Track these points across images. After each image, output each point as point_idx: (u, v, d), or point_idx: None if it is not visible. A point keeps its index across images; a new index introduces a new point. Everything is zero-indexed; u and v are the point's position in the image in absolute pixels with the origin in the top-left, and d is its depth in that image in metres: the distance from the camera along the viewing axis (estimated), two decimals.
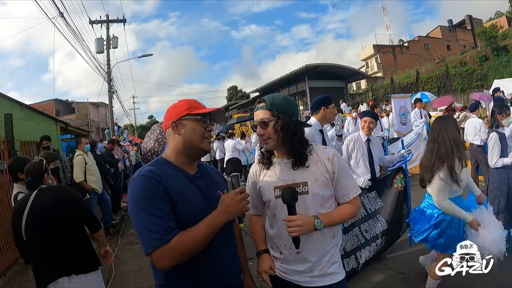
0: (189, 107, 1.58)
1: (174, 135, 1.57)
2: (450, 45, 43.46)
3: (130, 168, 12.76)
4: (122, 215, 8.41)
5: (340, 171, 1.77)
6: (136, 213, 1.41)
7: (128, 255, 5.66)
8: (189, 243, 1.39)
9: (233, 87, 57.00)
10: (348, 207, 1.80)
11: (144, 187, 1.41)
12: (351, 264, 3.64)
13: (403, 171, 4.44)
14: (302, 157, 1.75)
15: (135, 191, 1.43)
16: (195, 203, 1.50)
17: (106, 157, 8.16)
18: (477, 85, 24.74)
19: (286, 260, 1.79)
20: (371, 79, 37.02)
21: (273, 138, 1.74)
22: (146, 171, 1.46)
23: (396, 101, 8.73)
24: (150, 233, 1.36)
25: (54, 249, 2.60)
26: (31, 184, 2.81)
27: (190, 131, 1.55)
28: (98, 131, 30.18)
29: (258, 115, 1.78)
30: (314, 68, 26.37)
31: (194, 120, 1.56)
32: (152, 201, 1.39)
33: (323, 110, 3.73)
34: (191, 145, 1.56)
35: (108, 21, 17.83)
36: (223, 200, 1.53)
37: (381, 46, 43.01)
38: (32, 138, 8.05)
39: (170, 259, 1.38)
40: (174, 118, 1.56)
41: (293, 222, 1.59)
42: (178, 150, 1.57)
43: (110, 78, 18.03)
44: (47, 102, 29.85)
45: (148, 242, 1.37)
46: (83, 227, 2.86)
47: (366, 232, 3.87)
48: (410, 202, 4.42)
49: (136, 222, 1.41)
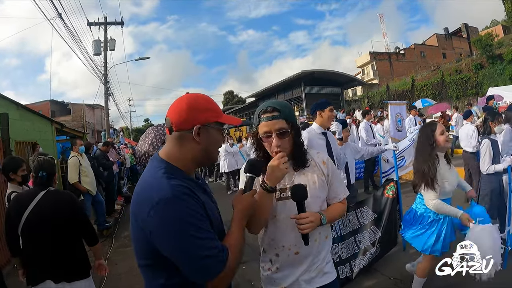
0: (219, 113, 1.38)
1: (194, 142, 1.32)
2: (446, 53, 43.84)
3: (125, 171, 12.72)
4: (116, 217, 8.39)
5: (333, 174, 1.84)
6: (182, 245, 1.17)
7: (121, 257, 5.64)
8: (238, 253, 1.31)
9: (229, 92, 57.14)
10: (340, 206, 1.88)
11: (187, 211, 1.19)
12: (346, 272, 3.69)
13: (392, 179, 4.49)
14: (304, 160, 1.78)
15: (175, 218, 1.18)
16: (215, 212, 1.40)
17: (101, 159, 8.12)
18: (472, 93, 24.95)
19: (282, 262, 1.77)
20: (367, 86, 37.22)
21: (289, 148, 1.72)
22: (177, 187, 1.22)
23: (392, 108, 8.79)
24: (211, 260, 1.20)
25: (49, 252, 2.61)
26: (43, 181, 2.75)
27: (213, 141, 1.37)
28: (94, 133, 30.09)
29: (274, 125, 1.67)
30: (310, 74, 26.53)
31: (218, 130, 1.39)
32: (199, 224, 1.20)
33: (319, 114, 3.83)
34: (209, 155, 1.39)
35: (106, 23, 17.80)
36: (239, 202, 1.46)
37: (377, 53, 43.31)
38: (28, 138, 8.02)
39: (230, 278, 1.29)
40: (202, 123, 1.31)
41: (306, 219, 1.59)
42: (193, 157, 1.35)
43: (106, 80, 17.97)
44: (43, 102, 29.69)
45: (211, 269, 1.20)
46: (80, 235, 2.86)
47: (360, 243, 3.93)
48: (401, 208, 4.45)
49: (186, 253, 1.18)
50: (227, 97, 55.74)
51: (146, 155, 2.53)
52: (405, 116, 9.13)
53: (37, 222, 2.60)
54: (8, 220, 2.73)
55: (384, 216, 4.17)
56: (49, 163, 2.84)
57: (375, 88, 36.40)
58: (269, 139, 1.70)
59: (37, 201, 2.64)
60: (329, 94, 28.81)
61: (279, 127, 1.67)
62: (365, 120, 8.89)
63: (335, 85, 29.95)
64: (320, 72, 27.54)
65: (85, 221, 2.88)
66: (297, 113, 28.40)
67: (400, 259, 4.26)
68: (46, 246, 2.61)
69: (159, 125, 2.68)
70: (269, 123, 1.69)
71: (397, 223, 4.37)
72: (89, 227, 2.92)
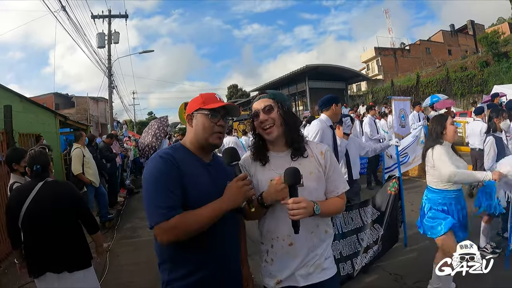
0: (204, 101, 1.65)
1: (189, 127, 1.68)
2: (451, 49, 43.52)
3: (128, 164, 12.75)
4: (119, 209, 8.41)
5: (332, 166, 1.81)
6: (147, 189, 1.51)
7: (123, 249, 5.68)
8: (190, 223, 1.46)
9: (233, 86, 56.93)
10: (338, 201, 1.83)
11: (158, 167, 1.51)
12: (347, 269, 3.69)
13: (395, 176, 4.47)
14: (301, 147, 1.78)
15: (149, 169, 1.53)
16: (205, 188, 1.57)
17: (104, 151, 8.13)
18: (477, 90, 24.82)
19: (277, 253, 1.76)
20: (371, 81, 37.11)
21: (277, 124, 1.74)
22: (164, 153, 1.57)
23: (396, 103, 8.73)
24: (155, 208, 1.45)
25: (50, 243, 2.63)
26: (39, 173, 2.77)
27: (200, 125, 1.63)
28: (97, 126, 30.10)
29: (260, 103, 1.78)
30: (315, 68, 26.40)
31: (203, 115, 1.63)
32: (164, 180, 1.48)
33: (334, 107, 3.88)
34: (200, 138, 1.64)
35: (110, 16, 17.78)
36: (227, 188, 1.57)
37: (382, 48, 43.06)
38: (31, 130, 8.06)
39: (170, 235, 1.44)
40: (189, 111, 1.67)
41: (298, 204, 1.55)
42: (191, 139, 1.67)
43: (110, 73, 17.99)
44: (47, 95, 29.73)
45: (152, 216, 1.45)
46: (80, 225, 2.87)
47: (363, 241, 3.92)
48: (404, 204, 4.45)
49: (146, 197, 1.50)
50: (231, 90, 55.59)
51: (149, 147, 2.54)
52: (408, 112, 9.08)
53: (37, 213, 2.61)
54: (8, 212, 2.74)
55: (386, 213, 4.15)
56: (41, 155, 2.85)
57: (379, 83, 36.27)
58: (257, 118, 1.78)
59: (36, 192, 2.66)
60: (334, 89, 28.69)
61: (264, 104, 1.77)
62: (369, 115, 8.86)
63: (339, 80, 29.82)
64: (325, 67, 27.43)
65: (85, 209, 2.90)
66: (301, 107, 28.39)
67: (401, 255, 4.27)
68: (46, 237, 2.62)
69: (162, 118, 2.71)
70: (257, 102, 1.81)
71: (399, 220, 4.37)
72: (88, 215, 2.93)
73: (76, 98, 32.55)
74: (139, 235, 6.45)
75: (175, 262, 1.56)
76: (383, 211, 4.17)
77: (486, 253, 3.80)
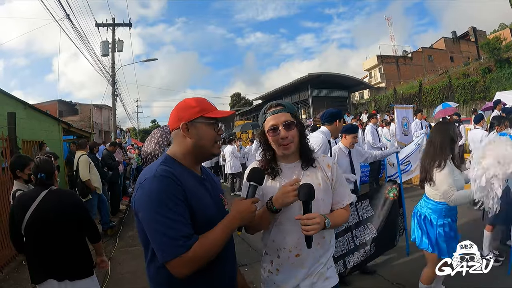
0: (202, 108, 1.49)
1: (184, 138, 1.48)
2: (454, 56, 43.54)
3: (131, 172, 12.78)
4: (121, 217, 8.43)
5: (338, 178, 1.81)
6: (152, 217, 1.31)
7: (125, 257, 5.67)
8: (209, 248, 1.34)
9: (236, 94, 57.05)
10: (343, 212, 1.83)
11: (161, 189, 1.32)
12: (338, 269, 3.67)
13: (395, 182, 4.47)
14: (312, 158, 1.78)
15: (150, 192, 1.32)
16: (208, 206, 1.46)
17: (107, 159, 8.18)
18: (479, 97, 24.71)
19: (283, 264, 1.75)
20: (374, 89, 37.10)
21: (295, 141, 1.72)
22: (162, 170, 1.37)
23: (399, 111, 8.76)
24: (169, 240, 1.27)
25: (52, 251, 2.63)
26: (43, 181, 2.77)
27: (203, 135, 1.48)
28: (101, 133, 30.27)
29: (279, 118, 1.71)
30: (317, 77, 26.44)
31: (207, 124, 1.49)
32: (170, 204, 1.30)
33: (337, 123, 3.92)
34: (202, 149, 1.50)
35: (114, 25, 17.91)
36: (237, 205, 1.48)
37: (384, 56, 43.17)
38: (35, 137, 8.11)
39: (190, 267, 1.31)
40: (186, 120, 1.46)
41: (313, 220, 1.54)
42: (187, 151, 1.49)
43: (114, 81, 18.08)
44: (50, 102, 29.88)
45: (166, 249, 1.28)
46: (83, 233, 2.87)
47: (356, 238, 3.94)
48: (405, 212, 4.43)
49: (153, 227, 1.31)
50: (234, 99, 55.71)
51: (152, 155, 2.54)
52: (411, 120, 9.10)
53: (40, 222, 2.62)
54: (11, 219, 2.75)
55: (381, 216, 4.15)
56: (46, 163, 2.85)
57: (382, 91, 36.25)
58: (275, 132, 1.71)
59: (39, 201, 2.66)
60: (336, 97, 28.75)
61: (285, 119, 1.70)
62: (371, 123, 8.85)
63: (342, 88, 29.82)
64: (327, 75, 27.46)
65: (88, 218, 2.90)
66: (303, 116, 28.38)
67: (403, 264, 4.25)
68: (49, 245, 2.62)
69: (164, 126, 2.70)
70: (275, 116, 1.72)
71: (400, 227, 4.36)
72: (91, 224, 2.93)
73: (79, 105, 32.72)
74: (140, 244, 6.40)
75: None
76: (378, 211, 4.18)
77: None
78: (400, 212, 4.40)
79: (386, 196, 4.26)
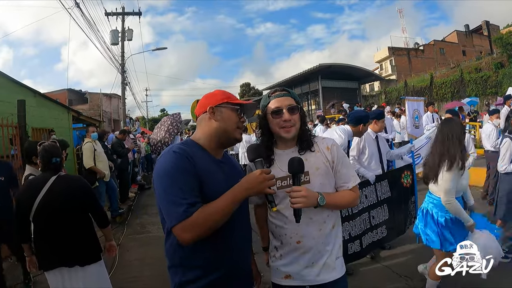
0: (227, 96, 1.65)
1: (210, 121, 1.61)
2: (466, 50, 42.83)
3: (140, 160, 12.85)
4: (130, 205, 8.51)
5: (339, 160, 1.79)
6: (162, 187, 1.44)
7: (133, 244, 5.73)
8: (211, 215, 1.41)
9: (246, 84, 56.89)
10: (348, 193, 1.80)
11: (173, 162, 1.45)
12: (354, 248, 3.73)
13: (411, 168, 4.51)
14: (309, 142, 1.79)
15: (163, 165, 1.47)
16: (220, 185, 1.51)
17: (116, 146, 8.23)
18: (491, 92, 24.36)
19: (285, 250, 1.77)
20: (384, 81, 36.73)
21: (296, 126, 1.75)
22: (177, 148, 1.51)
23: (410, 104, 8.61)
24: (174, 206, 1.39)
25: (61, 237, 2.65)
26: (57, 166, 2.79)
27: (227, 119, 1.61)
28: (110, 122, 30.42)
29: (283, 101, 1.75)
30: (328, 67, 26.19)
31: (232, 109, 1.62)
32: (179, 176, 1.42)
33: (361, 127, 4.02)
34: (225, 132, 1.61)
35: (124, 14, 17.90)
36: (247, 176, 1.53)
37: (396, 48, 42.61)
38: (44, 125, 8.16)
39: (193, 233, 1.39)
40: (213, 104, 1.61)
41: (298, 193, 1.55)
42: (211, 135, 1.61)
43: (123, 70, 18.12)
44: (60, 91, 30.01)
45: (172, 215, 1.40)
46: (91, 219, 2.89)
47: (373, 218, 3.98)
48: (417, 201, 4.44)
49: (162, 196, 1.44)
50: (243, 89, 55.55)
51: (162, 142, 2.54)
52: (422, 112, 8.97)
53: (50, 207, 2.63)
54: (18, 206, 2.74)
55: (396, 200, 4.20)
56: (56, 148, 2.87)
57: (392, 84, 35.89)
58: (278, 115, 1.74)
59: (49, 186, 2.67)
60: (346, 89, 28.46)
61: (289, 103, 1.75)
62: None
63: (352, 80, 29.51)
64: (338, 66, 27.18)
65: (96, 203, 2.92)
66: (313, 106, 28.24)
67: (411, 257, 4.24)
68: (58, 230, 2.64)
69: (174, 114, 2.71)
70: (279, 99, 1.77)
71: (408, 214, 4.42)
72: (99, 209, 2.95)
73: (89, 94, 32.87)
74: (148, 231, 6.50)
75: (188, 265, 1.53)
76: (394, 193, 4.22)
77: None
78: (412, 200, 4.44)
79: (401, 181, 4.33)
